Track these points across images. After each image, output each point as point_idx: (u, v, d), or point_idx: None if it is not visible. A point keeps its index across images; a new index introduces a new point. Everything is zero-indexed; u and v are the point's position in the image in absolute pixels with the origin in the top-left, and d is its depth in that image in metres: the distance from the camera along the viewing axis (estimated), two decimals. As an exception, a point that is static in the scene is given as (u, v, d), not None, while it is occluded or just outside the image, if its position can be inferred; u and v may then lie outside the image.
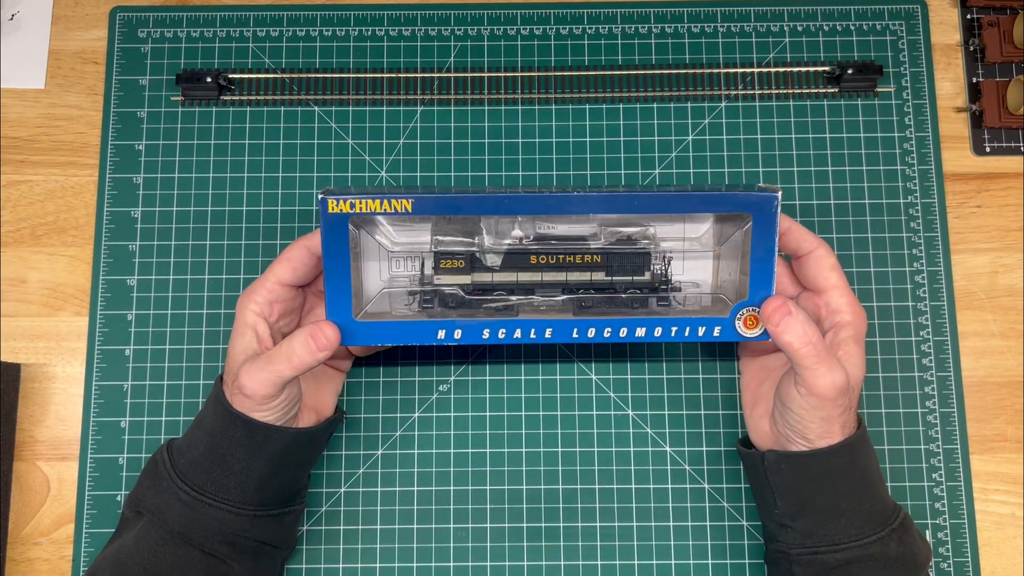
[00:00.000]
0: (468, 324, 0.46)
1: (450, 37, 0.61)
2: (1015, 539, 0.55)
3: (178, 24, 0.61)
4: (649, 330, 0.47)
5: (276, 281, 0.47)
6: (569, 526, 0.54)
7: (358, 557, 0.54)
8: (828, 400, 0.44)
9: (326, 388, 0.51)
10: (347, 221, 0.45)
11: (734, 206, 0.45)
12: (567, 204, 0.45)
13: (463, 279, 0.48)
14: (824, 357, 0.44)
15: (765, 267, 0.45)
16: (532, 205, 0.45)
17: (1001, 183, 0.59)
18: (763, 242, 0.45)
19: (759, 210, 0.45)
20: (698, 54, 0.60)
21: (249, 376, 0.44)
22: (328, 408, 0.51)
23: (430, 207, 0.45)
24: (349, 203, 0.44)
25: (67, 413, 0.56)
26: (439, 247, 0.48)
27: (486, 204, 0.45)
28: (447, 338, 0.47)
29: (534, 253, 0.48)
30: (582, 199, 0.45)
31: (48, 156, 0.59)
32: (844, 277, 0.47)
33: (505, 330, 0.47)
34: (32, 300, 0.57)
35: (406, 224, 0.48)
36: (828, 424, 0.45)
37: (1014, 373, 0.57)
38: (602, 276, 0.48)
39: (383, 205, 0.44)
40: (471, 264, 0.48)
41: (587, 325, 0.47)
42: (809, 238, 0.47)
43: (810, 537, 0.47)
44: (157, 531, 0.46)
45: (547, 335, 0.47)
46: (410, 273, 0.49)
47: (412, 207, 0.44)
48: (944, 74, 0.61)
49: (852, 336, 0.46)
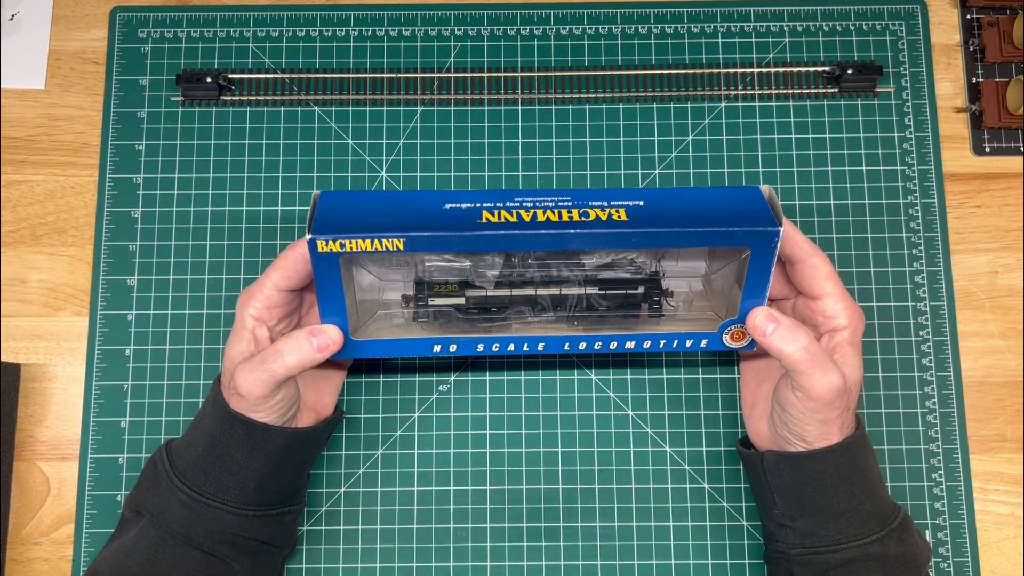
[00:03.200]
0: (462, 340, 0.47)
1: (450, 37, 0.61)
2: (1015, 539, 0.55)
3: (178, 24, 0.61)
4: (638, 343, 0.47)
5: (273, 287, 0.46)
6: (569, 526, 0.54)
7: (358, 557, 0.54)
8: (825, 403, 0.44)
9: (325, 388, 0.51)
10: (337, 259, 0.43)
11: (735, 241, 0.44)
12: (564, 241, 0.43)
13: (457, 300, 0.48)
14: (819, 361, 0.43)
15: (756, 295, 0.45)
16: (528, 242, 0.43)
17: (1001, 183, 0.59)
18: (758, 272, 0.44)
19: (758, 245, 0.43)
20: (698, 54, 0.60)
21: (244, 376, 0.44)
22: (328, 408, 0.51)
23: (423, 245, 0.43)
24: (339, 243, 0.42)
25: (67, 413, 0.56)
26: (432, 274, 0.48)
27: (480, 242, 0.43)
28: (443, 351, 0.47)
29: (528, 269, 0.48)
30: (580, 237, 0.43)
31: (48, 156, 0.59)
32: (840, 283, 0.46)
33: (499, 345, 0.47)
34: (32, 300, 0.57)
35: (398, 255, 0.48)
36: (826, 426, 0.45)
37: (1014, 373, 0.57)
38: (595, 290, 0.48)
39: (373, 244, 0.42)
40: (463, 286, 0.48)
41: (578, 339, 0.47)
42: (805, 246, 0.46)
43: (809, 537, 0.47)
44: (157, 531, 0.46)
45: (539, 349, 0.47)
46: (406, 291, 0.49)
47: (404, 246, 0.42)
48: (944, 74, 0.61)
49: (848, 339, 0.46)
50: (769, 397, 0.49)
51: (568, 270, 0.48)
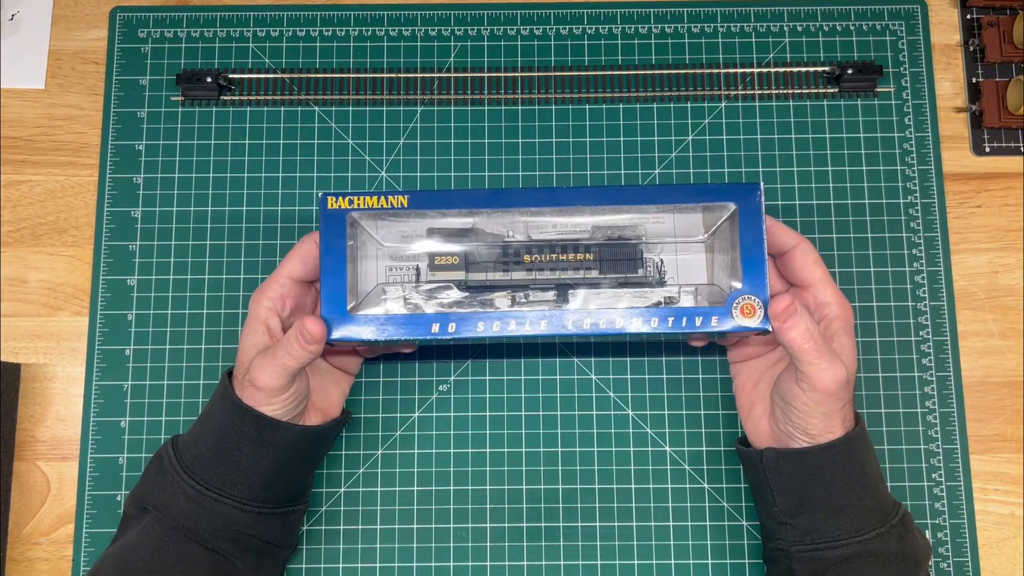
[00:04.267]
0: (462, 317, 0.47)
1: (450, 37, 0.61)
2: (1015, 539, 0.55)
3: (178, 24, 0.61)
4: (645, 320, 0.46)
5: (287, 275, 0.48)
6: (569, 526, 0.54)
7: (358, 557, 0.54)
8: (830, 394, 0.45)
9: (333, 390, 0.51)
10: (345, 218, 0.47)
11: (718, 196, 0.47)
12: (557, 197, 0.48)
13: (458, 275, 0.49)
14: (825, 352, 0.44)
15: (756, 255, 0.46)
16: (522, 199, 0.48)
17: (1001, 183, 0.59)
18: (751, 230, 0.46)
19: (744, 199, 0.47)
20: (698, 54, 0.60)
21: (260, 369, 0.45)
22: (335, 409, 0.51)
23: (425, 202, 0.48)
24: (348, 199, 0.47)
25: (67, 413, 0.56)
26: (434, 248, 0.50)
27: (478, 198, 0.49)
28: (441, 331, 0.47)
29: (527, 252, 0.49)
30: (571, 192, 0.49)
31: (48, 156, 0.59)
32: (827, 270, 0.48)
33: (499, 323, 0.47)
34: (32, 300, 0.57)
35: (401, 223, 0.50)
36: (829, 419, 0.45)
37: (1014, 373, 0.57)
38: (595, 274, 0.49)
39: (380, 201, 0.47)
40: (465, 262, 0.49)
41: (582, 316, 0.47)
42: (790, 234, 0.48)
43: (810, 534, 0.47)
44: (161, 527, 0.46)
45: (542, 327, 0.47)
46: (406, 269, 0.50)
47: (408, 202, 0.48)
48: (944, 74, 0.61)
49: (843, 328, 0.47)
50: (767, 396, 0.49)
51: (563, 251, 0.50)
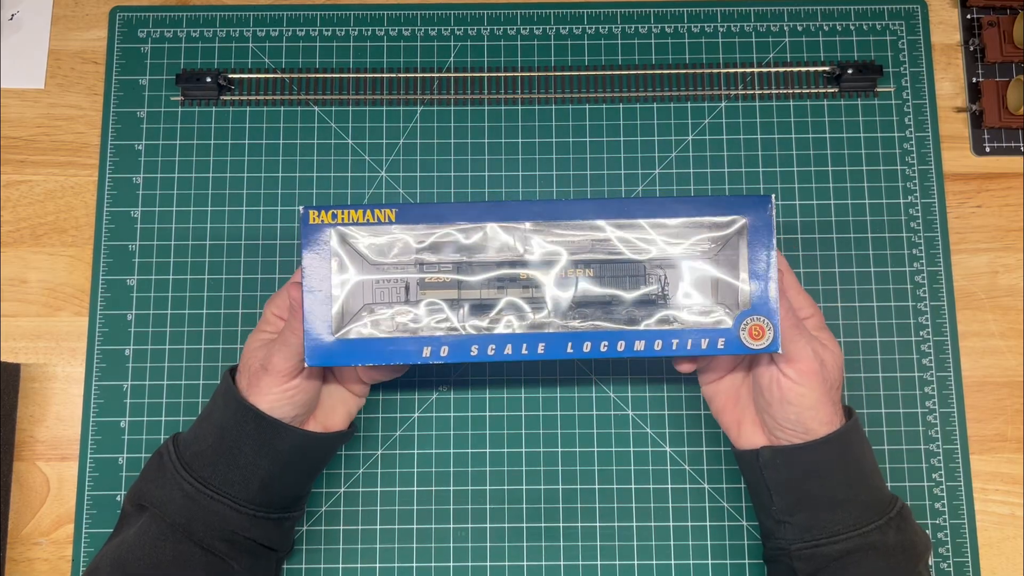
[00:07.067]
0: (455, 341, 0.44)
1: (450, 37, 0.61)
2: (1015, 539, 0.55)
3: (178, 24, 0.61)
4: (648, 343, 0.45)
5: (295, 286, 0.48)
6: (569, 526, 0.54)
7: (358, 557, 0.54)
8: (814, 373, 0.45)
9: (339, 408, 0.50)
10: (328, 233, 0.43)
11: (727, 209, 0.44)
12: (555, 211, 0.43)
13: (449, 294, 0.46)
14: (802, 330, 0.46)
15: (765, 273, 0.45)
16: (518, 212, 0.43)
17: (1001, 183, 0.59)
18: (761, 247, 0.44)
19: (754, 212, 0.44)
20: (698, 54, 0.60)
21: (274, 353, 0.46)
22: (337, 427, 0.50)
23: (414, 216, 0.43)
24: (331, 213, 0.42)
25: (67, 413, 0.56)
26: (425, 266, 0.46)
27: (471, 212, 0.43)
28: (433, 356, 0.44)
29: (523, 268, 0.46)
30: (571, 205, 0.43)
31: (48, 156, 0.59)
32: (794, 275, 0.49)
33: (495, 346, 0.44)
34: (32, 300, 0.57)
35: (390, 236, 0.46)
36: (822, 408, 0.46)
37: (1014, 373, 0.57)
38: (595, 292, 0.46)
39: (366, 215, 0.43)
40: (457, 280, 0.46)
41: (583, 339, 0.44)
42: None
43: (809, 531, 0.47)
44: (158, 525, 0.46)
45: (540, 350, 0.44)
46: (395, 286, 0.47)
47: (396, 216, 0.43)
48: (944, 74, 0.61)
49: (818, 325, 0.48)
50: (751, 406, 0.49)
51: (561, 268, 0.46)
